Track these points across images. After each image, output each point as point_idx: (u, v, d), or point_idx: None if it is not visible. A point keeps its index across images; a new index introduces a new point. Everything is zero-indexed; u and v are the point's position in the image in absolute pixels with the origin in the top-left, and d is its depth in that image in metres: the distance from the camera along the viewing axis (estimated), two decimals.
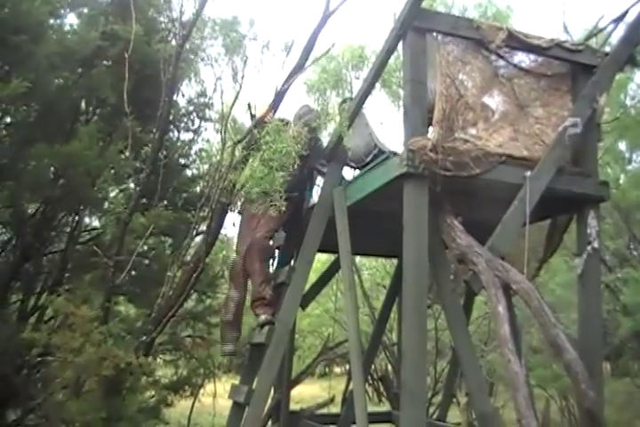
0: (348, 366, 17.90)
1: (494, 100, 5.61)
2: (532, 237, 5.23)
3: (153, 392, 6.99)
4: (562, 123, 5.46)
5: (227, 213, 6.18)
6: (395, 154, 5.19)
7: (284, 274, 6.06)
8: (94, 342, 5.44)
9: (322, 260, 12.80)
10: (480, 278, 4.89)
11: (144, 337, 5.91)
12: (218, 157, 6.09)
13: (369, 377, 16.64)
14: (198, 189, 8.41)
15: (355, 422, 6.20)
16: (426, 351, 5.17)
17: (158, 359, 7.05)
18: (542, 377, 11.64)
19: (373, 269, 17.62)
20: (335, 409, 9.20)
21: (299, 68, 6.18)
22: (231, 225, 6.59)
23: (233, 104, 6.18)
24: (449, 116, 5.21)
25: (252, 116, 6.08)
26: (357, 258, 14.36)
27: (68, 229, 8.06)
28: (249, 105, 6.12)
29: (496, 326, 4.72)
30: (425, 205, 4.93)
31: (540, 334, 11.11)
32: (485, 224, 5.06)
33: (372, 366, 15.53)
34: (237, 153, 5.80)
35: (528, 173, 5.18)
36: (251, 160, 5.73)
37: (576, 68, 5.78)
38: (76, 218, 7.97)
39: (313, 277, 6.98)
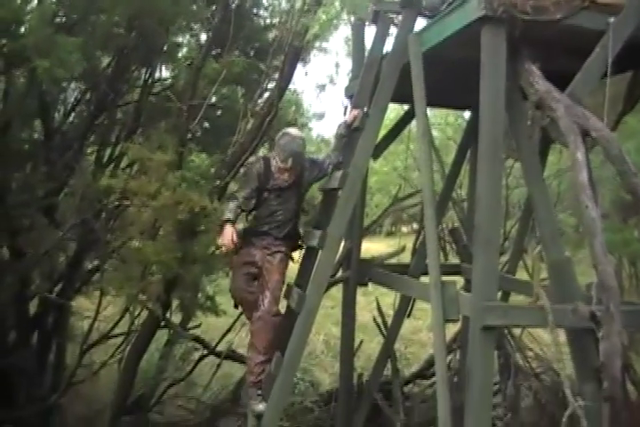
0: (415, 225, 18.04)
1: None
2: (611, 90, 5.07)
3: None
4: None
5: (298, 58, 6.05)
6: None
7: (358, 120, 6.03)
8: (169, 187, 5.55)
9: (390, 117, 12.72)
10: (558, 125, 4.80)
11: (218, 182, 5.99)
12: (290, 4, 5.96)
13: None
14: (270, 36, 8.28)
15: (424, 273, 6.30)
16: (500, 196, 5.17)
17: None
18: (612, 242, 11.52)
19: (443, 124, 17.36)
20: (405, 260, 9.31)
21: None
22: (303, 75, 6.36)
23: None
24: None
25: None
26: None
27: (141, 81, 8.11)
28: None
29: (574, 173, 4.65)
30: (503, 49, 4.78)
31: (610, 198, 11.02)
32: (564, 75, 4.92)
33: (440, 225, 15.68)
34: None
35: (612, 20, 4.95)
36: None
37: None
38: (149, 69, 8.00)
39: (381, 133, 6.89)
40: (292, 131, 5.87)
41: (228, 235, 5.43)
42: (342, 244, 6.69)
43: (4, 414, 7.64)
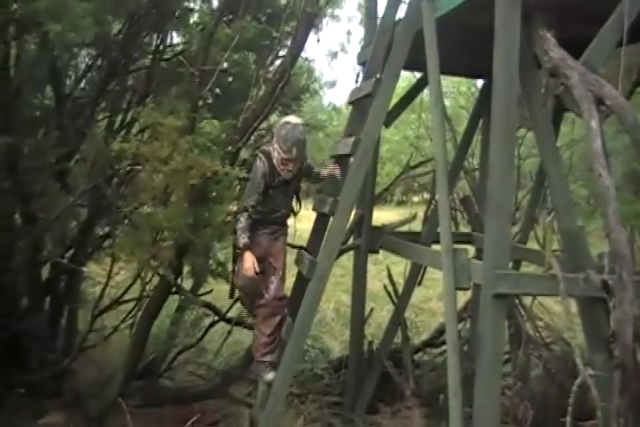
0: (426, 195, 18.01)
1: None
2: (626, 59, 5.01)
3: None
4: None
5: (311, 24, 5.98)
6: None
7: (370, 86, 5.99)
8: (181, 152, 5.54)
9: (402, 86, 12.65)
10: (572, 93, 4.75)
11: (230, 147, 5.98)
12: None
13: None
14: (283, 2, 8.21)
15: (436, 242, 6.28)
16: (513, 163, 5.13)
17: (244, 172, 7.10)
18: (623, 214, 11.40)
19: (455, 93, 17.24)
20: (416, 229, 9.29)
21: None
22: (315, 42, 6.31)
23: None
24: None
25: None
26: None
27: (153, 47, 8.08)
28: None
29: (588, 141, 4.60)
30: (517, 16, 4.71)
31: (622, 170, 10.94)
32: (579, 42, 4.85)
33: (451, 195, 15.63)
34: None
35: None
36: None
37: None
38: (161, 35, 7.96)
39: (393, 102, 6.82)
40: (292, 119, 5.76)
41: (249, 262, 5.47)
42: (353, 211, 6.67)
43: (16, 379, 7.73)
